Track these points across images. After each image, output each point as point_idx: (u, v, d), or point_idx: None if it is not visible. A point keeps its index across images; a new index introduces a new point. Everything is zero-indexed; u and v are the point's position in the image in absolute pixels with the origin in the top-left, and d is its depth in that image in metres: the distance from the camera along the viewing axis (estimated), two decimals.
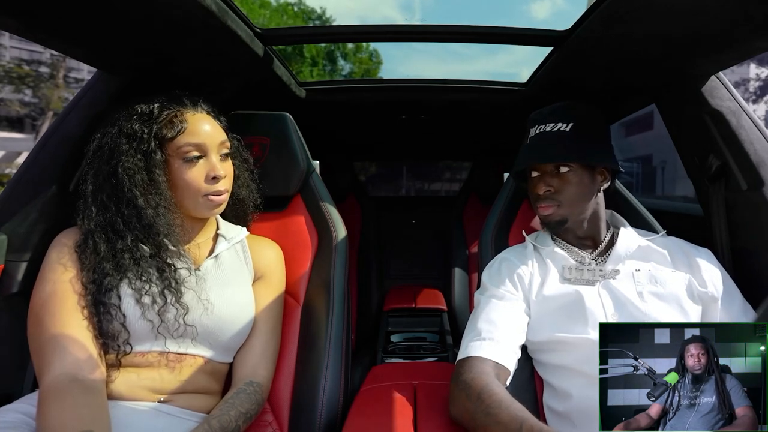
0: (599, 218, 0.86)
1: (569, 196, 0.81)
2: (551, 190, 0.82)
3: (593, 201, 0.84)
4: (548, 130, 0.83)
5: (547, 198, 0.83)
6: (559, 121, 0.83)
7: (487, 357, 0.71)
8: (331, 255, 0.95)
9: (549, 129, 0.83)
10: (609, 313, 0.75)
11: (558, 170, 0.82)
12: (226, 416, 0.70)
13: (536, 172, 0.86)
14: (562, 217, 0.83)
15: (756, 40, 0.74)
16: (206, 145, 0.76)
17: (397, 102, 1.57)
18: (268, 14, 11.40)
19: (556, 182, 0.82)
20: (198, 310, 0.73)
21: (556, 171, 0.83)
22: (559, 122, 0.83)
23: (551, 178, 0.82)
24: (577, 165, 0.81)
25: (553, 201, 0.82)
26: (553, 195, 0.82)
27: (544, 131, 0.84)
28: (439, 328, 1.85)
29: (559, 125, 0.82)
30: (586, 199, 0.83)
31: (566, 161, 0.81)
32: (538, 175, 0.85)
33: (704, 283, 0.77)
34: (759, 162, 0.85)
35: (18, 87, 13.01)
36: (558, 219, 0.83)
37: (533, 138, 0.86)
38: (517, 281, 0.83)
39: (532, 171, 0.87)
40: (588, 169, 0.82)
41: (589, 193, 0.83)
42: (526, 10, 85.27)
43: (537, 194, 0.84)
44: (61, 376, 0.62)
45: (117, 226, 0.70)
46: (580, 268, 0.81)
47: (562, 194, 0.82)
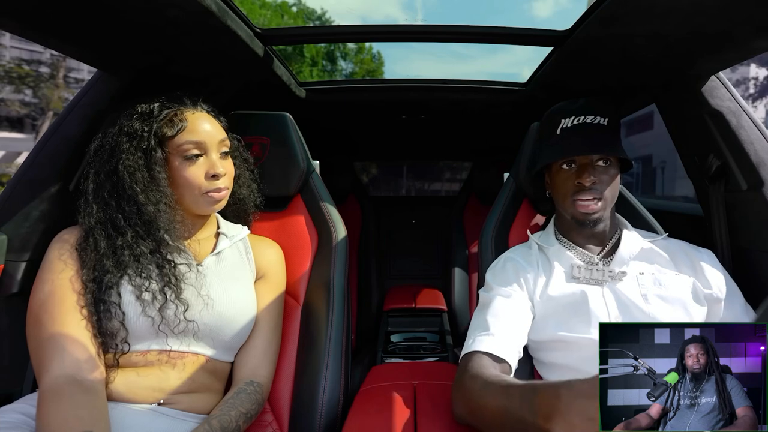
0: (612, 218, 0.86)
1: (610, 190, 0.79)
2: (597, 181, 0.78)
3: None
4: (588, 121, 0.79)
5: (592, 190, 0.78)
6: (597, 114, 0.80)
7: (490, 351, 0.71)
8: (331, 255, 0.95)
9: (589, 121, 0.79)
10: (613, 315, 0.75)
11: (599, 163, 0.79)
12: (226, 416, 0.70)
13: (572, 165, 0.81)
14: (601, 215, 0.80)
15: (756, 40, 0.74)
16: (206, 143, 0.76)
17: (397, 102, 1.57)
18: (268, 14, 11.40)
19: (601, 175, 0.78)
20: (198, 305, 0.73)
21: (602, 164, 0.79)
22: (597, 115, 0.79)
23: (594, 170, 0.78)
24: (614, 160, 0.80)
25: (597, 194, 0.78)
26: (598, 187, 0.78)
27: (583, 122, 0.80)
28: (439, 328, 1.85)
29: (598, 118, 0.79)
30: (616, 198, 0.82)
31: (612, 154, 0.79)
32: (577, 167, 0.80)
33: (708, 285, 0.77)
34: (759, 162, 0.85)
35: (18, 87, 13.01)
36: (597, 217, 0.79)
37: (570, 129, 0.81)
38: (522, 281, 0.82)
39: (565, 164, 0.82)
40: (617, 167, 0.81)
41: (617, 192, 0.82)
42: (528, 8, 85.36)
43: (580, 185, 0.78)
44: (60, 376, 0.62)
45: (117, 223, 0.70)
46: (590, 268, 0.80)
47: (606, 188, 0.79)
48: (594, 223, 0.81)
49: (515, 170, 1.06)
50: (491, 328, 0.74)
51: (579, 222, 0.82)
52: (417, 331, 1.82)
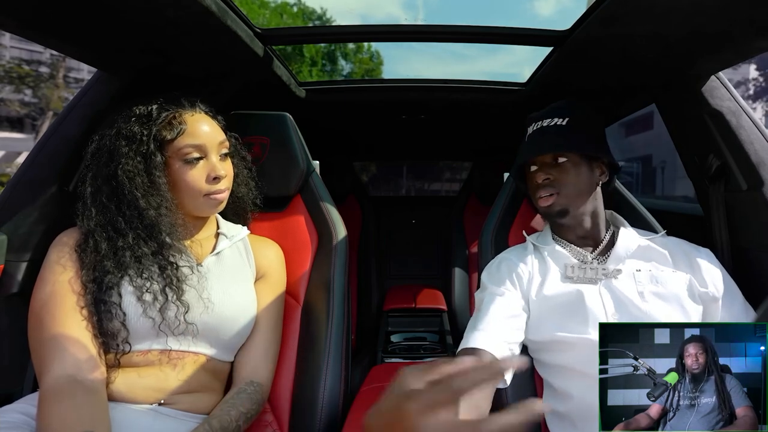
0: (599, 215, 0.86)
1: (568, 185, 0.82)
2: (550, 178, 0.83)
3: (593, 196, 0.85)
4: (545, 125, 0.85)
5: (546, 186, 0.83)
6: (556, 116, 0.85)
7: (478, 347, 0.72)
8: (331, 255, 0.95)
9: (546, 124, 0.85)
10: (609, 313, 0.75)
11: (556, 161, 0.84)
12: (226, 416, 0.70)
13: (535, 166, 0.87)
14: (563, 206, 0.83)
15: (756, 40, 0.74)
16: (206, 146, 0.76)
17: (397, 102, 1.57)
18: (268, 14, 11.40)
19: (555, 172, 0.83)
20: (199, 308, 0.73)
21: (554, 162, 0.84)
22: (555, 117, 0.85)
23: (550, 168, 0.84)
24: (574, 156, 0.83)
25: (552, 188, 0.83)
26: (552, 183, 0.83)
27: (541, 126, 0.86)
28: (439, 328, 1.85)
29: (555, 120, 0.85)
30: (585, 191, 0.84)
31: (563, 150, 0.83)
32: (536, 168, 0.86)
33: (705, 283, 0.77)
34: (759, 162, 0.85)
35: (18, 87, 13.02)
36: (559, 209, 0.83)
37: (531, 135, 0.88)
38: (516, 280, 0.83)
39: (531, 166, 0.88)
40: (585, 162, 0.84)
41: (587, 186, 0.84)
42: (529, 8, 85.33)
43: (536, 184, 0.85)
44: (61, 377, 0.62)
45: (118, 225, 0.70)
46: (583, 267, 0.81)
47: (561, 182, 0.82)
48: (558, 215, 0.84)
49: (515, 170, 1.06)
50: (480, 324, 0.75)
51: (546, 216, 0.88)
52: (417, 331, 1.83)
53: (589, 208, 0.85)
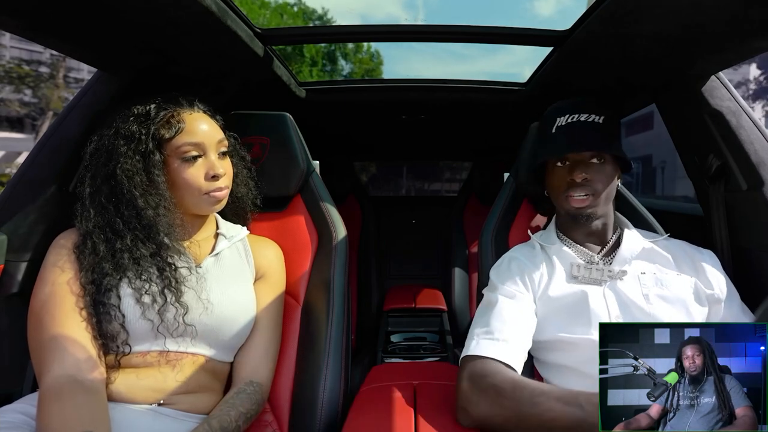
0: (611, 217, 0.86)
1: (604, 187, 0.80)
2: (588, 178, 0.79)
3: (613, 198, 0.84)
4: (582, 119, 0.80)
5: (584, 186, 0.79)
6: (593, 112, 0.81)
7: (500, 359, 0.70)
8: (331, 255, 0.95)
9: (584, 119, 0.80)
10: (613, 315, 0.75)
11: (593, 160, 0.80)
12: (226, 416, 0.70)
13: (566, 162, 0.82)
14: (594, 210, 0.80)
15: (756, 40, 0.74)
16: (205, 144, 0.76)
17: (397, 102, 1.57)
18: (268, 14, 11.40)
19: (592, 172, 0.79)
20: (198, 309, 0.73)
21: (594, 161, 0.80)
22: (592, 113, 0.80)
23: (587, 167, 0.79)
24: (610, 158, 0.81)
25: (589, 189, 0.79)
26: (590, 183, 0.79)
27: (578, 120, 0.81)
28: (439, 328, 1.84)
29: (593, 116, 0.80)
30: (612, 195, 0.83)
31: (604, 151, 0.79)
32: (570, 164, 0.81)
33: (710, 285, 0.77)
34: (759, 162, 0.85)
35: (18, 87, 13.02)
36: (590, 212, 0.80)
37: (564, 127, 0.82)
38: (528, 280, 0.82)
39: (559, 161, 0.83)
40: (614, 164, 0.82)
41: (613, 190, 0.83)
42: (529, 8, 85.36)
43: (572, 181, 0.79)
44: (61, 377, 0.62)
45: (116, 227, 0.70)
46: (589, 267, 0.80)
47: (598, 184, 0.79)
48: (587, 218, 0.81)
49: (515, 170, 1.06)
50: (499, 334, 0.73)
51: (573, 217, 0.83)
52: (417, 331, 1.82)
53: (608, 209, 0.84)
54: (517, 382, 0.65)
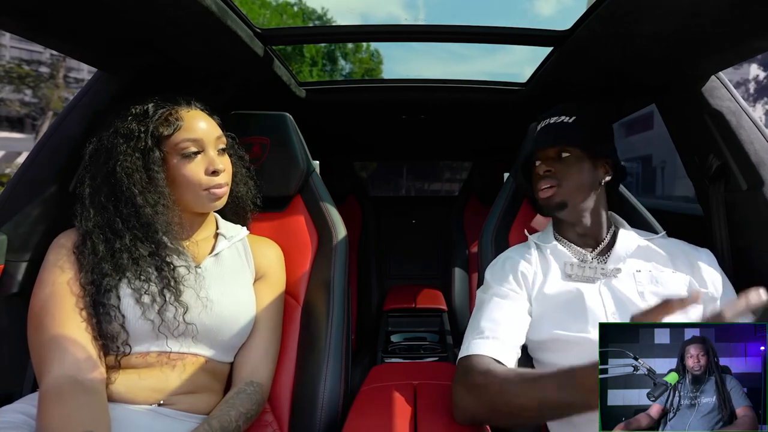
0: (600, 214, 0.86)
1: (569, 178, 0.83)
2: (551, 170, 0.84)
3: (594, 193, 0.85)
4: (552, 122, 0.87)
5: (547, 177, 0.84)
6: (563, 115, 0.86)
7: (490, 355, 0.71)
8: (331, 255, 0.95)
9: (553, 121, 0.87)
10: (609, 312, 0.75)
11: (560, 155, 0.85)
12: (226, 416, 0.70)
13: (539, 162, 0.88)
14: (562, 199, 0.83)
15: (756, 40, 0.74)
16: (203, 141, 0.76)
17: (397, 102, 1.57)
18: (268, 14, 11.40)
19: (557, 165, 0.84)
20: (197, 308, 0.73)
21: (557, 156, 0.85)
22: (562, 116, 0.86)
23: (553, 162, 0.85)
24: (577, 151, 0.84)
25: (552, 180, 0.83)
26: (553, 175, 0.84)
27: (547, 123, 0.88)
28: (439, 328, 1.84)
29: (562, 118, 0.86)
30: (587, 188, 0.84)
31: (565, 144, 0.84)
32: (540, 162, 0.87)
33: (705, 284, 0.77)
34: (759, 162, 0.85)
35: (18, 87, 13.02)
36: (558, 201, 0.84)
37: (538, 131, 0.90)
38: (521, 279, 0.82)
39: (535, 162, 0.89)
40: (589, 159, 0.84)
41: (589, 183, 0.84)
42: (530, 8, 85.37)
43: (538, 175, 0.86)
44: (61, 377, 0.62)
45: (115, 226, 0.70)
46: (582, 266, 0.81)
47: (562, 175, 0.83)
48: (557, 207, 0.84)
49: (515, 170, 1.06)
50: (489, 332, 0.74)
51: (544, 209, 0.88)
52: (417, 331, 1.82)
53: (590, 204, 0.85)
54: (490, 371, 0.66)
